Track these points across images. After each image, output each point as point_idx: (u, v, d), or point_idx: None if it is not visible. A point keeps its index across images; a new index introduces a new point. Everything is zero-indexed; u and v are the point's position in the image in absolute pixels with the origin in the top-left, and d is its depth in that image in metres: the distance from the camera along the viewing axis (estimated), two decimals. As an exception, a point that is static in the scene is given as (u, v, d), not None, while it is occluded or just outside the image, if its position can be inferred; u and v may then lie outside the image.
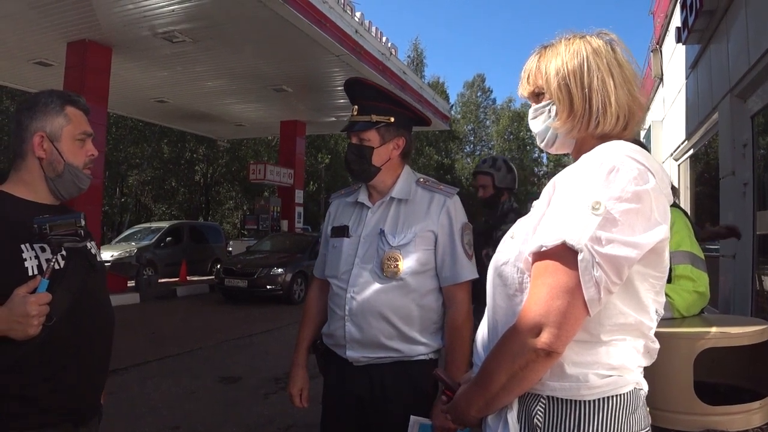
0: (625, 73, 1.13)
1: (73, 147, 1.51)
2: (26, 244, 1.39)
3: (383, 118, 1.86)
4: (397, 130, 1.90)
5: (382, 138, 1.87)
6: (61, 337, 1.40)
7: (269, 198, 17.91)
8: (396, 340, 1.82)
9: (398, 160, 1.93)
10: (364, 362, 1.84)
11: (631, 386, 1.06)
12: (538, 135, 1.23)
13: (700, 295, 2.16)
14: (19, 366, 1.34)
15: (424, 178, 1.96)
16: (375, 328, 1.81)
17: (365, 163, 1.88)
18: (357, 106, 1.89)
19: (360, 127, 1.87)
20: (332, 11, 9.81)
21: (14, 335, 1.29)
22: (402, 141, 1.91)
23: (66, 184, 1.52)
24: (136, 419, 4.28)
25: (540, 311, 0.99)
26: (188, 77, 12.29)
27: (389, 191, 1.91)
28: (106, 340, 1.57)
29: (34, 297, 1.30)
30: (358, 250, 1.87)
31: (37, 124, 1.48)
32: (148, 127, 24.16)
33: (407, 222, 1.86)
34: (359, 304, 1.82)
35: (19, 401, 1.36)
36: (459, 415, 1.18)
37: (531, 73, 1.21)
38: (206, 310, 10.60)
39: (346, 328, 1.84)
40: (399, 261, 1.81)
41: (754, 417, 1.82)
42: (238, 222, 31.60)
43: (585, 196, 0.99)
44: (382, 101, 1.88)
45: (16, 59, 10.93)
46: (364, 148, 1.87)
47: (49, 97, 1.51)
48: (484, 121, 48.88)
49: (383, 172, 1.90)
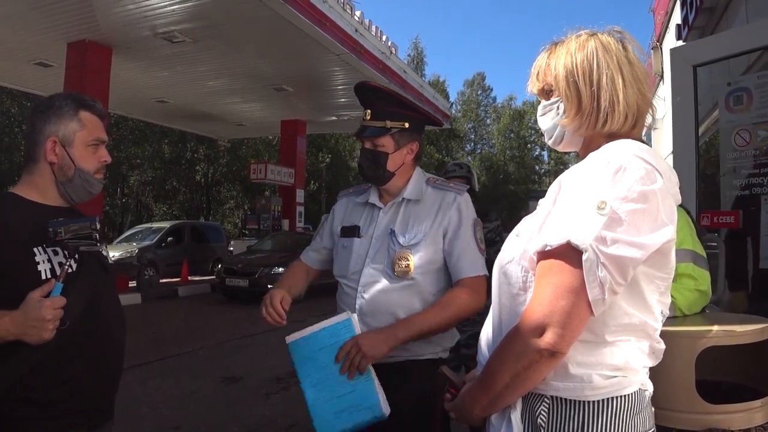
0: (635, 71, 1.12)
1: (85, 153, 1.51)
2: (39, 247, 1.39)
3: (398, 124, 1.85)
4: (411, 135, 1.90)
5: (396, 144, 1.87)
6: (76, 341, 1.40)
7: (270, 197, 17.94)
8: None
9: (411, 163, 1.93)
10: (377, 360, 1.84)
11: (636, 387, 1.05)
12: (546, 132, 1.22)
13: (702, 293, 2.16)
14: (37, 370, 1.35)
15: (434, 178, 1.96)
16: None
17: (380, 168, 1.87)
18: (370, 110, 1.87)
19: (374, 132, 1.86)
20: (332, 10, 9.81)
21: (29, 339, 1.29)
22: (416, 145, 1.92)
23: (76, 189, 1.51)
24: (137, 419, 4.28)
25: (544, 311, 0.98)
26: (189, 77, 12.30)
27: (400, 193, 1.91)
28: (119, 343, 1.57)
29: (49, 301, 1.30)
30: (369, 251, 1.87)
31: (51, 128, 1.47)
32: (148, 127, 24.14)
33: (417, 221, 1.85)
34: (369, 303, 1.82)
35: (37, 405, 1.36)
36: (463, 413, 1.18)
37: (540, 70, 1.20)
38: (207, 309, 10.60)
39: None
40: (410, 260, 1.80)
41: (755, 415, 1.82)
42: (239, 222, 31.56)
43: (591, 195, 0.98)
44: (396, 106, 1.86)
45: (17, 60, 10.94)
46: (378, 153, 1.86)
47: (64, 100, 1.50)
48: (485, 119, 48.86)
49: (397, 176, 1.90)
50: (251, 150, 30.25)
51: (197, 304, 11.27)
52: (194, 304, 11.40)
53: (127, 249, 14.13)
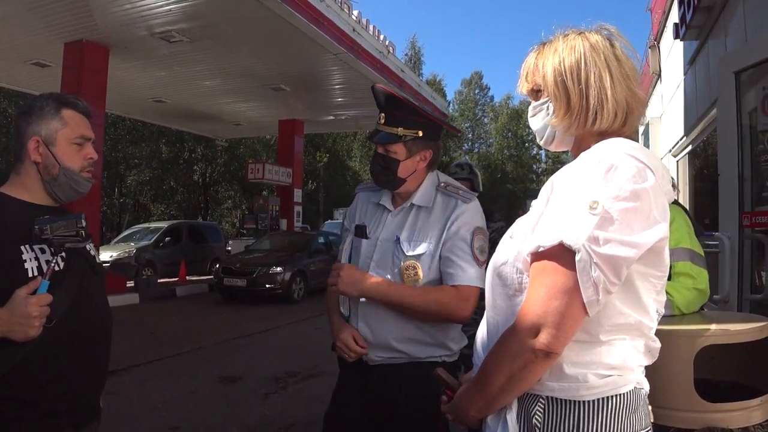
0: (623, 68, 1.12)
1: (69, 150, 1.50)
2: (26, 245, 1.39)
3: (411, 132, 1.84)
4: (425, 143, 1.88)
5: (408, 151, 1.86)
6: (63, 340, 1.40)
7: (268, 197, 17.92)
8: (406, 343, 1.82)
9: (423, 170, 1.92)
10: (378, 361, 1.85)
11: (632, 386, 1.05)
12: (538, 132, 1.23)
13: (700, 292, 2.16)
14: (21, 368, 1.34)
15: (445, 183, 1.94)
16: (385, 331, 1.82)
17: (390, 174, 1.87)
18: (384, 114, 1.86)
19: (386, 139, 1.85)
20: (330, 9, 9.81)
21: (15, 336, 1.29)
22: (429, 153, 1.91)
23: (63, 188, 1.51)
24: (135, 420, 4.27)
25: (538, 312, 0.98)
26: (186, 77, 12.28)
27: (411, 197, 1.92)
28: (105, 342, 1.57)
29: (36, 298, 1.31)
30: (374, 254, 1.88)
31: (33, 129, 1.48)
32: (146, 127, 24.11)
33: (424, 230, 1.85)
34: (369, 306, 1.83)
35: (22, 404, 1.35)
36: (459, 414, 1.18)
37: (529, 71, 1.20)
38: (205, 309, 10.59)
39: (358, 327, 1.86)
40: (419, 270, 1.81)
41: (754, 414, 1.82)
42: (237, 221, 31.54)
43: (583, 195, 0.98)
44: (411, 115, 1.85)
45: (13, 60, 10.91)
46: (390, 160, 1.86)
47: (45, 100, 1.51)
48: (482, 118, 48.85)
49: (408, 182, 1.90)
50: (249, 150, 30.22)
51: (195, 304, 11.25)
52: (192, 304, 11.38)
53: (124, 249, 14.12)
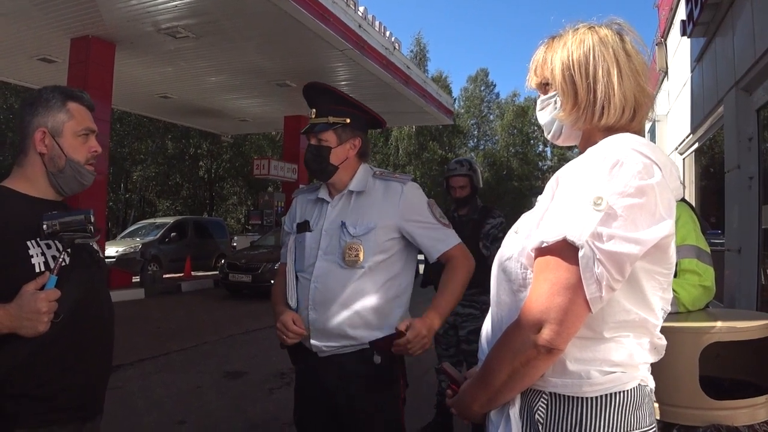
0: (632, 63, 1.10)
1: (75, 143, 1.51)
2: (32, 240, 1.39)
3: (339, 119, 1.97)
4: (353, 131, 2.00)
5: (339, 138, 1.97)
6: (68, 335, 1.40)
7: (273, 193, 17.93)
8: (360, 328, 1.87)
9: (355, 159, 2.03)
10: (328, 352, 1.90)
11: (636, 382, 1.05)
12: (545, 127, 1.22)
13: (706, 289, 2.16)
14: (30, 363, 1.35)
15: (380, 171, 2.06)
16: (339, 317, 1.86)
17: (323, 162, 1.97)
18: (315, 109, 1.99)
19: (317, 128, 1.97)
20: (335, 6, 9.79)
21: (24, 332, 1.29)
22: (358, 141, 2.02)
23: (68, 180, 1.51)
24: (141, 414, 4.30)
25: (541, 308, 0.98)
26: (191, 73, 12.30)
27: (346, 186, 2.00)
28: (109, 337, 1.58)
29: (44, 293, 1.31)
30: (320, 243, 1.95)
31: (39, 120, 1.48)
32: (152, 123, 24.18)
33: (366, 213, 1.94)
34: (322, 293, 1.89)
35: (30, 399, 1.36)
36: (463, 409, 1.18)
37: (538, 65, 1.20)
38: (211, 305, 10.62)
39: (309, 318, 1.90)
40: (360, 250, 1.88)
41: (759, 411, 1.82)
42: (242, 217, 31.65)
43: (587, 191, 0.97)
44: (337, 104, 1.98)
45: (20, 56, 10.95)
46: (322, 148, 1.97)
47: (51, 93, 1.51)
48: (488, 115, 48.68)
49: (341, 170, 1.99)
50: (254, 146, 30.26)
51: (200, 300, 11.29)
52: (197, 299, 11.43)
53: (130, 244, 14.18)
